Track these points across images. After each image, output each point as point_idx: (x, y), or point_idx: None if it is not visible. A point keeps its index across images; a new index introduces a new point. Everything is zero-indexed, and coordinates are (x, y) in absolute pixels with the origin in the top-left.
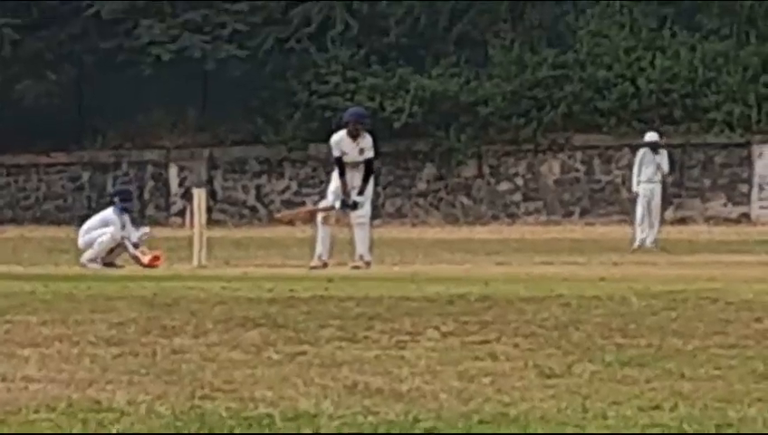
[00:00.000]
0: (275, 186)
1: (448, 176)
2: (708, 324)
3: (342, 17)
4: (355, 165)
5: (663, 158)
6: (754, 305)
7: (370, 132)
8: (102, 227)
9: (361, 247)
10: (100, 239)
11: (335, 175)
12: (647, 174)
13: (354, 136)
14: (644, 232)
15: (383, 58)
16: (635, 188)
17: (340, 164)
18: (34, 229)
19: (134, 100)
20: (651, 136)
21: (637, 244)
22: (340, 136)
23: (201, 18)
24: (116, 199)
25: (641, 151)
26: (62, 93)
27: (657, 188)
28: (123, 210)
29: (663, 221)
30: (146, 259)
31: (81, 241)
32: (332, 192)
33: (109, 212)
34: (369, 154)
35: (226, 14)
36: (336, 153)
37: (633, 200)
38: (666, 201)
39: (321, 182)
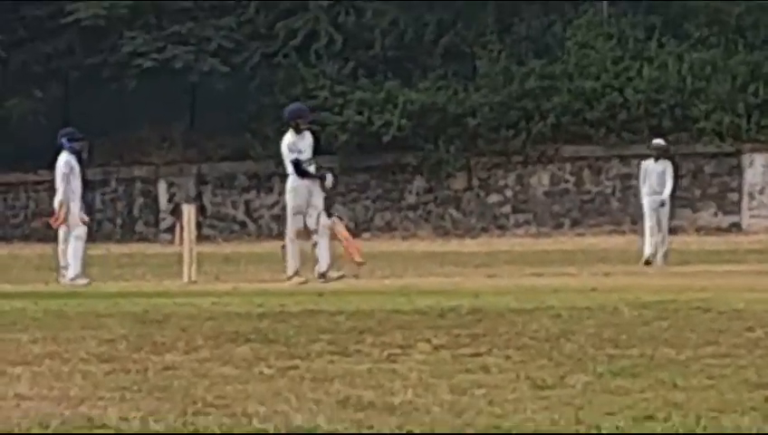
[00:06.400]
0: (264, 200)
1: (438, 188)
2: (700, 334)
3: (327, 30)
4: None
5: (668, 168)
6: (746, 314)
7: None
8: (64, 181)
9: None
10: (71, 252)
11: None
12: (651, 185)
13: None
14: (652, 246)
15: (370, 72)
16: (644, 200)
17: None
18: (23, 247)
19: (121, 117)
20: (656, 143)
21: (645, 258)
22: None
23: (186, 31)
24: (64, 141)
25: (644, 163)
26: (49, 111)
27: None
28: (72, 150)
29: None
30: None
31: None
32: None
33: (63, 157)
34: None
35: (212, 28)
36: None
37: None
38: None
39: None
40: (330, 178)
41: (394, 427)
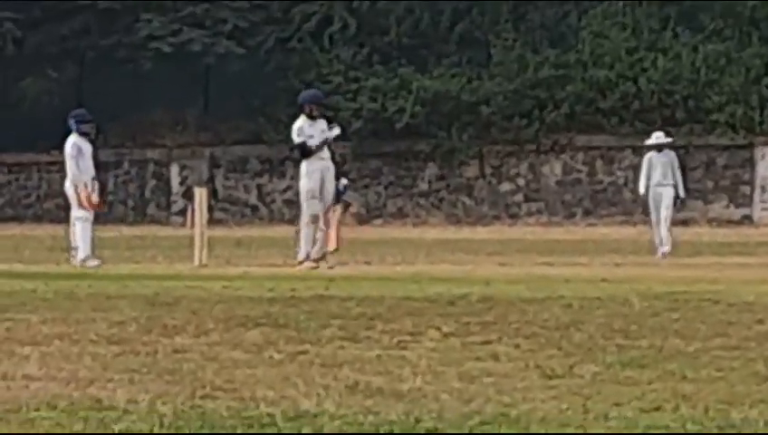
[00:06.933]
0: (277, 185)
1: (450, 176)
2: (710, 326)
3: (342, 15)
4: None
5: (673, 159)
6: (756, 307)
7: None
8: (75, 167)
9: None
10: (78, 234)
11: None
12: (656, 177)
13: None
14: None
15: (385, 58)
16: (642, 190)
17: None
18: (36, 227)
19: (135, 98)
20: (658, 137)
21: (661, 251)
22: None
23: (201, 12)
24: (72, 122)
25: (648, 154)
26: (63, 91)
27: (667, 191)
28: (82, 134)
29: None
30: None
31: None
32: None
33: (71, 139)
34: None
35: (227, 10)
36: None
37: (643, 204)
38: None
39: None
40: (336, 129)
41: (402, 413)
